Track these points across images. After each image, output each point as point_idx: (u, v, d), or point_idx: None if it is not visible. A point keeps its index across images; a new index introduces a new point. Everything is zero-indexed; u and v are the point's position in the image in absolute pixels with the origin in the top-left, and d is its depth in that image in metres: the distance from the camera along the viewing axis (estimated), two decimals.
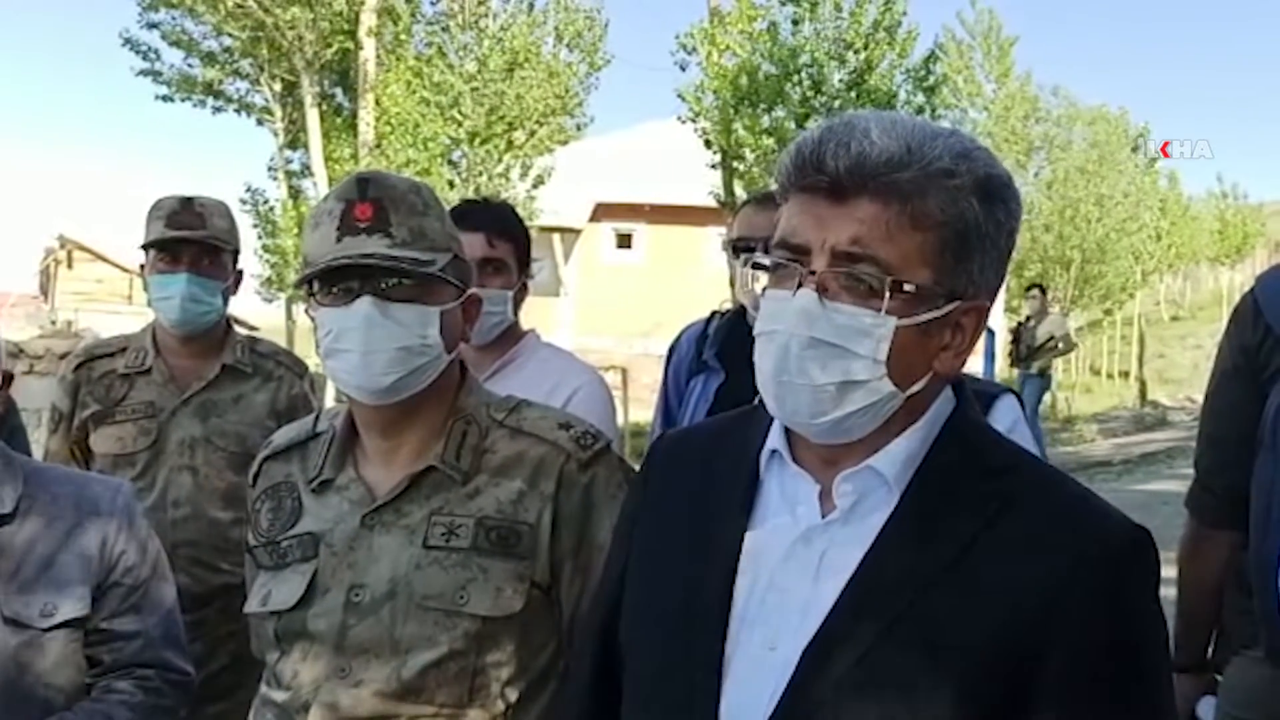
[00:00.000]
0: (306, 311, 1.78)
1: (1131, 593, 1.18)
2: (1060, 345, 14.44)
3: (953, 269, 1.19)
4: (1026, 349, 14.15)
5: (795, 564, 1.25)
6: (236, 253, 3.05)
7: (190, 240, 2.89)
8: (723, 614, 1.25)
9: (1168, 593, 2.12)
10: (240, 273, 3.09)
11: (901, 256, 1.17)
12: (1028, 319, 14.79)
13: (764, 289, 1.25)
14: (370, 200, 1.68)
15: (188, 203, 2.92)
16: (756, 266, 1.27)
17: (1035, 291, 15.53)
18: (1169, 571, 2.22)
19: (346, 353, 1.67)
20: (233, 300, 3.07)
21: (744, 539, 1.29)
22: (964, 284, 1.21)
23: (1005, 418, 2.52)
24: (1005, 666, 1.15)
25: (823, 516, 1.26)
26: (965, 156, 1.19)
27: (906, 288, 1.17)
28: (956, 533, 1.20)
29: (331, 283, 1.68)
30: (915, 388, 1.22)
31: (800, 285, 1.19)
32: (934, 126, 1.22)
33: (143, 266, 3.01)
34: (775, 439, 1.31)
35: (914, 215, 1.17)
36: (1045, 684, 1.15)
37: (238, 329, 3.16)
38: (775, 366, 1.21)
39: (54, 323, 21.62)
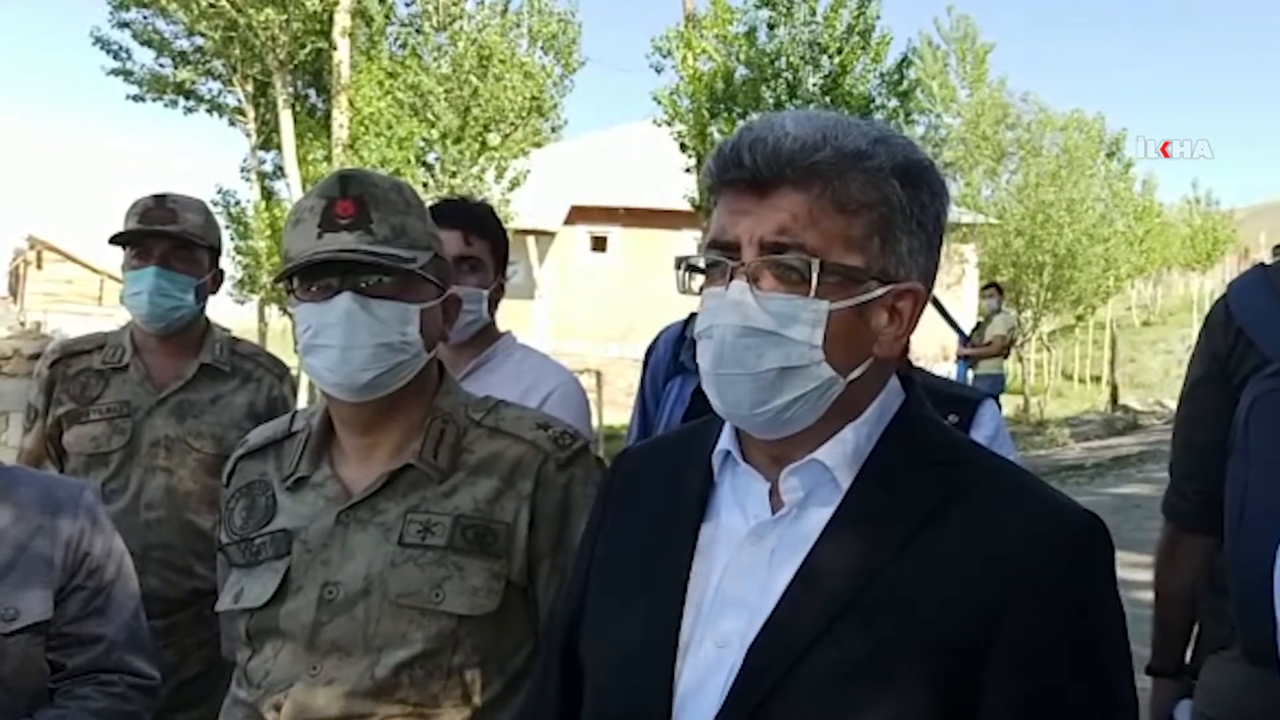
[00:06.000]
0: (285, 309, 1.77)
1: (1085, 579, 1.17)
2: (995, 348, 13.88)
3: (881, 252, 1.21)
4: (971, 348, 13.86)
5: (746, 562, 1.25)
6: (214, 251, 3.00)
7: (160, 234, 2.84)
8: (675, 615, 1.25)
9: (1138, 595, 2.15)
10: (221, 272, 3.04)
11: (828, 241, 1.18)
12: (982, 319, 14.42)
13: (701, 290, 1.26)
14: (352, 197, 1.68)
15: (160, 199, 2.88)
16: (691, 268, 1.28)
17: (991, 290, 15.03)
18: (1138, 574, 2.25)
19: (326, 349, 1.66)
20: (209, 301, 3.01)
21: (697, 541, 1.29)
22: (895, 267, 1.22)
23: (988, 424, 2.54)
24: (953, 656, 1.14)
25: (773, 513, 1.26)
26: (881, 141, 1.21)
27: (835, 269, 1.18)
28: (902, 522, 1.19)
29: (311, 279, 1.68)
30: (856, 373, 1.23)
31: (732, 278, 1.21)
32: (851, 119, 1.25)
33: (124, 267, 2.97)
34: (726, 439, 1.31)
35: (836, 199, 1.18)
36: (997, 672, 1.14)
37: (217, 329, 3.08)
38: (714, 360, 1.22)
39: (23, 323, 21.44)
